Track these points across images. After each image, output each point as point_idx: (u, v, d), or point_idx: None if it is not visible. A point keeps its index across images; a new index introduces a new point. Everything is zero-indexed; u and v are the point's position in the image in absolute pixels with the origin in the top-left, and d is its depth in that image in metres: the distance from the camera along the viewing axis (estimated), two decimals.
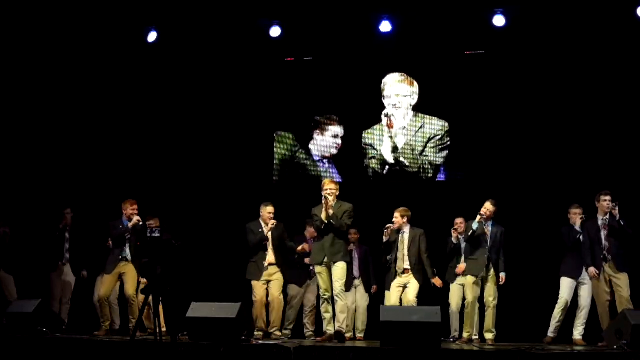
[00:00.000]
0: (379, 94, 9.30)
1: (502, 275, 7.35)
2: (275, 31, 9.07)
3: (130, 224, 7.46)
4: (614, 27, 8.42)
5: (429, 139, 9.15)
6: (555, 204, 7.87)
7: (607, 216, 6.97)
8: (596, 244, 7.00)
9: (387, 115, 9.26)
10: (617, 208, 6.87)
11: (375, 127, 9.30)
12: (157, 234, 5.90)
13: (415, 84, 9.31)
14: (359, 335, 8.03)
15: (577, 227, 7.32)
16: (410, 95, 9.29)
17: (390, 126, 9.24)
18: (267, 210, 7.60)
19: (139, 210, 7.58)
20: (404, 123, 9.24)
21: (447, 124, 9.14)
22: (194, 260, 8.57)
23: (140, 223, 7.42)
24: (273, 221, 7.53)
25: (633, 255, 7.05)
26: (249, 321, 6.80)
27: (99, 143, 9.50)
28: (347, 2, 8.78)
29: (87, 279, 8.25)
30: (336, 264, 6.79)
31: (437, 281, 7.49)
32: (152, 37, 9.17)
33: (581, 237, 7.24)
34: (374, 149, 9.28)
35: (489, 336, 7.21)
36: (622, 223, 6.84)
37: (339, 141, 9.43)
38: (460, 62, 9.18)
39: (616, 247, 6.90)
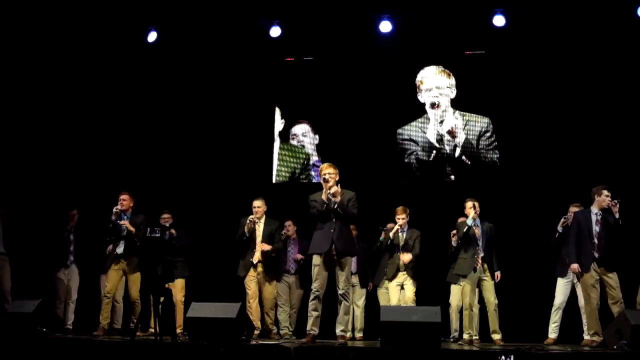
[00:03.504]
0: (379, 93, 9.30)
1: (497, 273, 7.32)
2: (275, 31, 9.08)
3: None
4: (614, 27, 8.42)
5: (479, 137, 9.03)
6: (557, 203, 7.83)
7: (601, 211, 6.82)
8: (586, 239, 6.83)
9: (434, 105, 9.17)
10: (617, 206, 6.74)
11: (412, 122, 9.23)
12: (157, 234, 5.87)
13: (452, 76, 9.24)
14: (358, 334, 8.04)
15: (559, 227, 7.34)
16: (450, 88, 9.21)
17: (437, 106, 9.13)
18: (253, 205, 7.52)
19: (140, 206, 7.58)
20: (445, 117, 9.15)
21: (490, 120, 9.04)
22: (194, 260, 8.56)
23: (112, 218, 7.38)
24: (251, 216, 7.41)
25: (623, 254, 6.94)
26: (249, 321, 6.78)
27: (101, 143, 9.50)
28: (347, 2, 8.78)
29: (90, 278, 8.27)
30: (344, 259, 6.26)
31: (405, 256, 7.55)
32: (152, 37, 9.18)
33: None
34: (414, 141, 9.19)
35: (496, 337, 7.19)
36: (621, 223, 6.71)
37: (310, 138, 9.45)
38: (460, 62, 9.18)
39: (607, 246, 6.75)
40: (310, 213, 6.44)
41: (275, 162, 9.49)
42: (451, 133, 9.06)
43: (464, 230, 7.26)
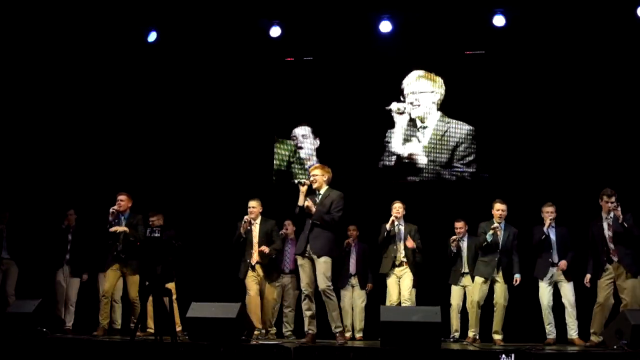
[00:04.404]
0: (379, 94, 9.30)
1: (517, 276, 7.31)
2: (275, 31, 9.08)
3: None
4: (614, 27, 8.42)
5: (455, 148, 9.01)
6: (555, 204, 7.83)
7: (612, 215, 6.81)
8: (600, 245, 6.88)
9: (394, 110, 9.18)
10: (619, 209, 6.73)
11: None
12: (157, 234, 5.87)
13: (439, 80, 9.22)
14: (358, 335, 8.04)
15: (545, 228, 7.31)
16: (432, 92, 9.19)
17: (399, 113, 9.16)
18: (248, 205, 7.49)
19: (138, 206, 7.58)
20: (428, 123, 9.16)
21: (473, 129, 9.02)
22: (194, 260, 8.57)
23: (110, 218, 7.38)
24: (246, 217, 7.38)
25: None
26: (249, 321, 6.78)
27: (101, 143, 9.50)
28: (347, 2, 8.78)
29: (89, 278, 8.26)
30: (319, 259, 6.20)
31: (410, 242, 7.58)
32: (152, 37, 9.19)
33: (552, 236, 7.30)
34: (390, 143, 9.28)
35: (497, 337, 7.21)
36: (626, 225, 6.69)
37: (310, 141, 9.47)
38: (460, 62, 9.18)
39: (623, 250, 6.74)
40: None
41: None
42: (411, 157, 9.11)
43: (483, 244, 7.27)
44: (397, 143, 9.20)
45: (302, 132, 9.54)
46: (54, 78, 9.35)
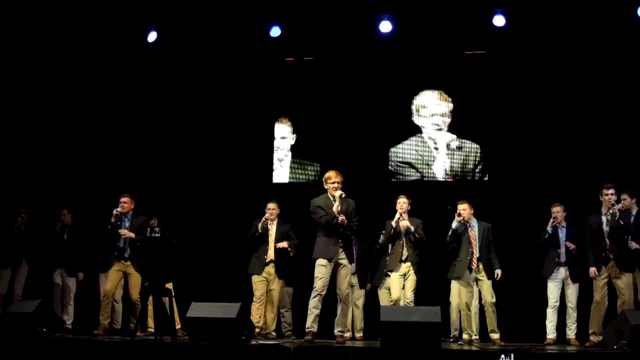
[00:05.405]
0: (378, 95, 9.29)
1: (498, 271, 7.29)
2: (275, 31, 9.08)
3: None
4: (614, 27, 8.42)
5: (475, 165, 8.99)
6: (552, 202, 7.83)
7: (611, 211, 6.82)
8: (597, 241, 6.89)
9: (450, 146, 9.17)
10: (616, 206, 6.76)
11: (407, 142, 9.23)
12: (157, 234, 5.89)
13: (451, 101, 9.17)
14: (358, 334, 8.04)
15: (549, 227, 7.34)
16: (448, 115, 9.17)
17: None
18: (267, 207, 7.64)
19: (138, 207, 7.58)
20: (444, 143, 9.17)
21: (479, 147, 9.01)
22: (194, 260, 8.57)
23: (112, 220, 7.37)
24: (266, 215, 7.55)
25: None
26: (249, 321, 6.79)
27: (100, 143, 9.50)
28: (347, 2, 8.79)
29: (89, 278, 8.25)
30: (348, 266, 6.55)
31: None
32: (152, 37, 9.19)
33: (561, 235, 7.32)
34: (414, 167, 9.17)
35: (494, 336, 7.19)
36: (622, 222, 6.71)
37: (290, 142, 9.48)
38: (460, 62, 9.18)
39: (618, 246, 6.76)
40: (317, 220, 6.53)
41: (287, 170, 9.49)
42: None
43: (449, 233, 7.28)
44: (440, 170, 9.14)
45: (282, 133, 9.53)
46: (53, 78, 9.34)
